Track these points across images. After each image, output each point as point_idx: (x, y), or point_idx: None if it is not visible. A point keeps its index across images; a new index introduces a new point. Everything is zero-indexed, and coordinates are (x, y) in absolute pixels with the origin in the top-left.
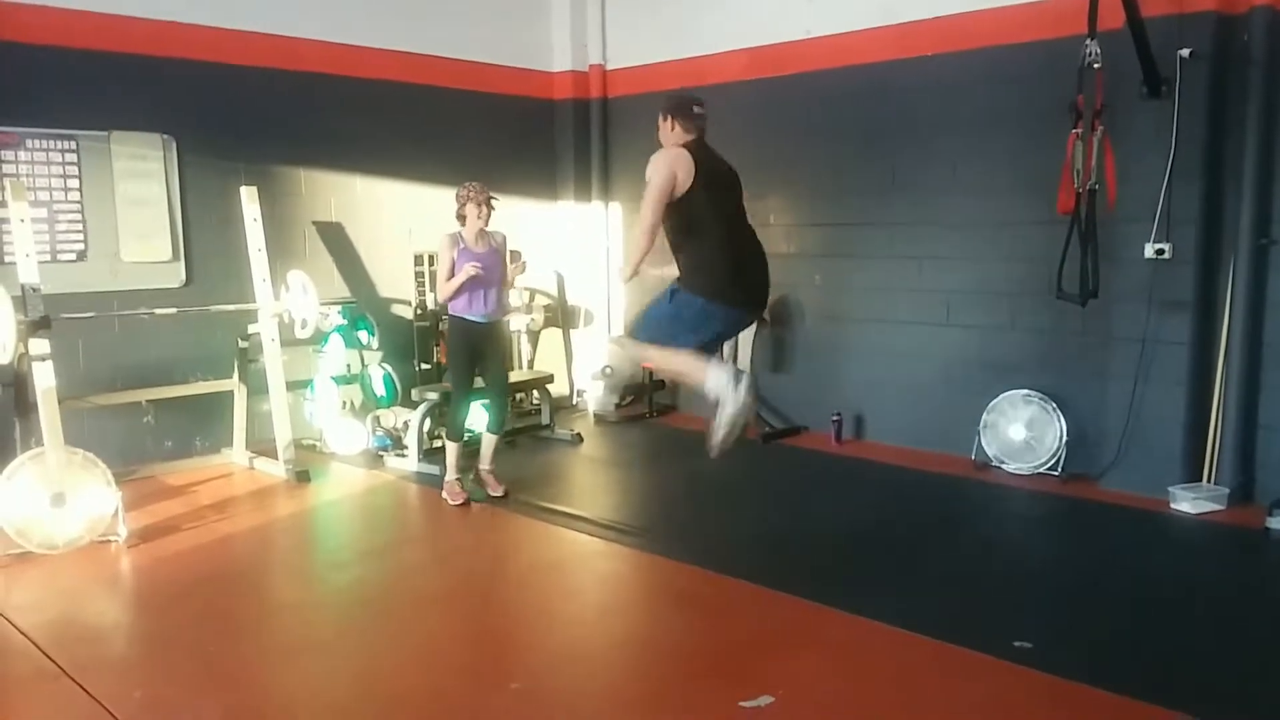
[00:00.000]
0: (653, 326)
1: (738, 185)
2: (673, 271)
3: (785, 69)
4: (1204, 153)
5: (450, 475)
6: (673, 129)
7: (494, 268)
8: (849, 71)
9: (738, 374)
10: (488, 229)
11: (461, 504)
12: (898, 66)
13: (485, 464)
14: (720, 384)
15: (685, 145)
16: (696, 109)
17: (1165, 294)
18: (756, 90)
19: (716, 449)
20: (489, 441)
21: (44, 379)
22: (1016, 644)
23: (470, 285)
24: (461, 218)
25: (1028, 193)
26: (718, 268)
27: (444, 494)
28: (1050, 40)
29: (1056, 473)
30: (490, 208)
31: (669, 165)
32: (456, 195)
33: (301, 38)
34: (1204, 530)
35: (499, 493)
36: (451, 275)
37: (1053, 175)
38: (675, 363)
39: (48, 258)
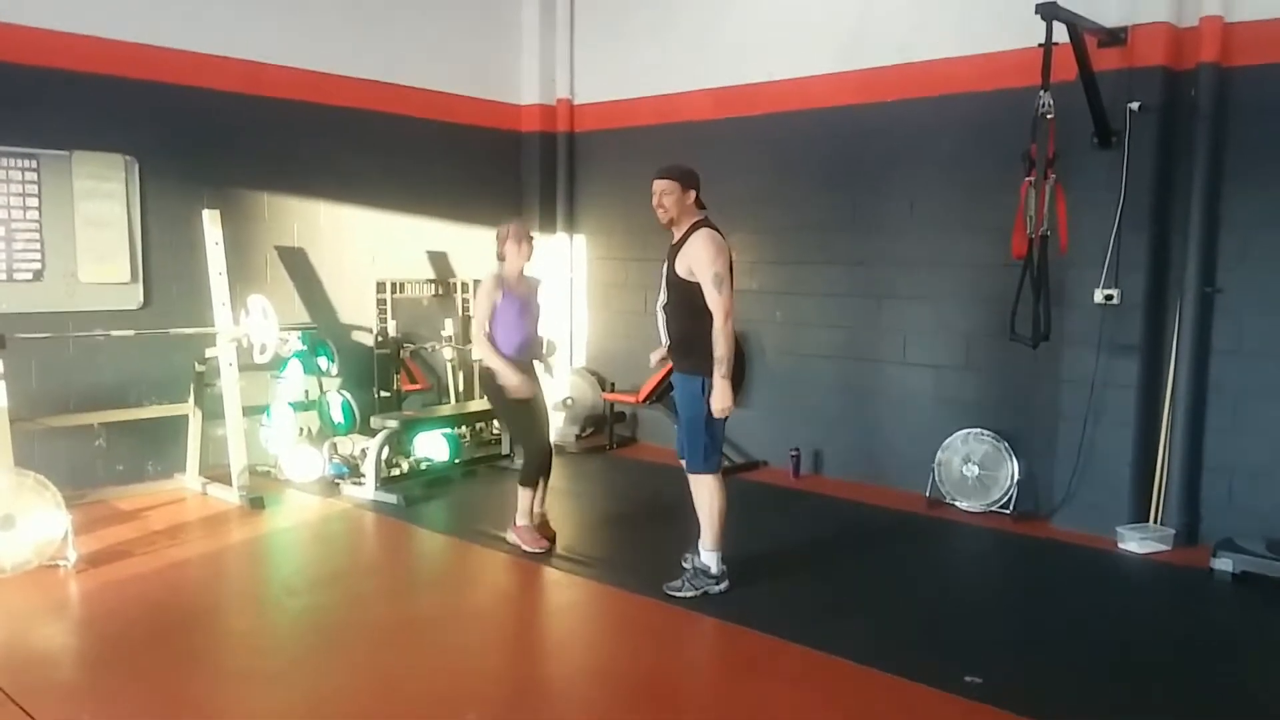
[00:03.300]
0: (699, 435)
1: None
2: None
3: (749, 109)
4: (1152, 202)
5: (524, 520)
6: (693, 200)
7: (534, 312)
8: (811, 114)
9: (722, 576)
10: (525, 273)
11: (544, 550)
12: (859, 111)
13: (540, 506)
14: (711, 570)
15: (709, 224)
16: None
17: (1114, 338)
18: (722, 129)
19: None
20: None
21: None
22: (967, 679)
23: (518, 332)
24: (502, 256)
25: (983, 236)
26: (737, 353)
27: (519, 540)
28: (1005, 90)
29: (1008, 511)
30: (531, 245)
31: (727, 254)
32: (497, 234)
33: (268, 63)
34: (1150, 570)
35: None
36: (491, 318)
37: (1007, 220)
38: (715, 528)
39: (3, 276)
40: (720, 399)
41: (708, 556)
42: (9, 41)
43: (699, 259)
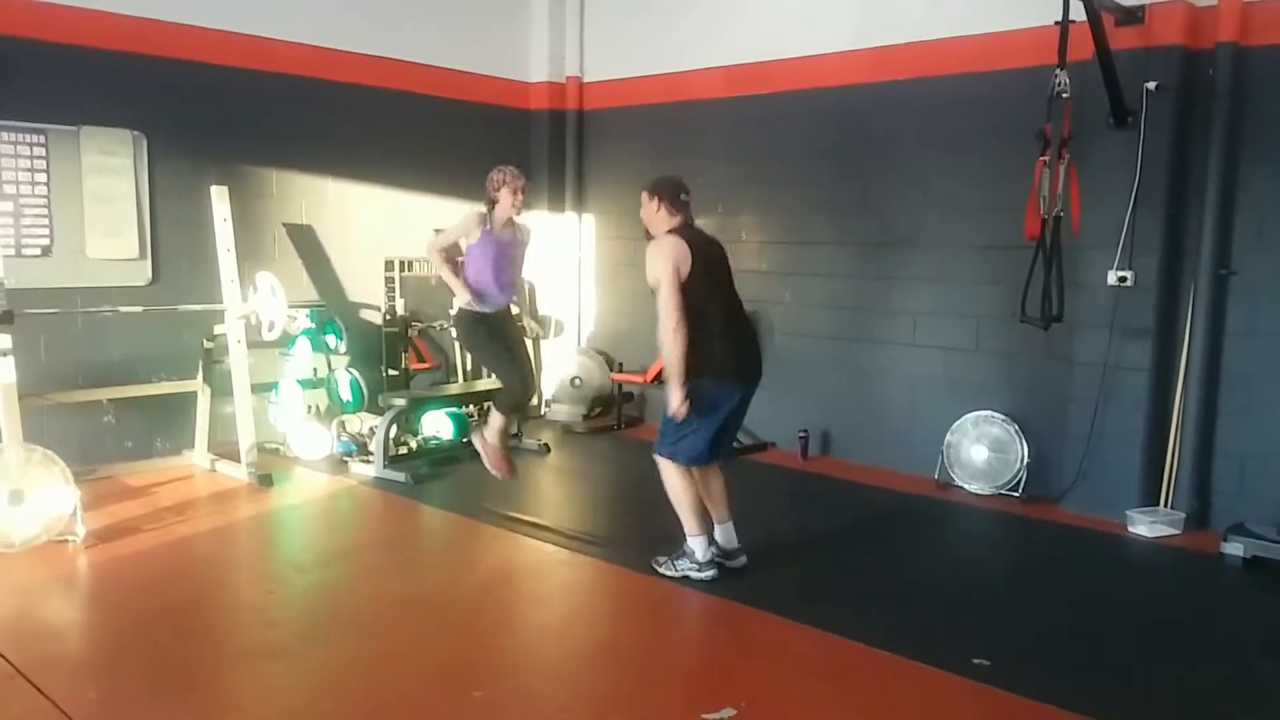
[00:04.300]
0: (667, 426)
1: (727, 261)
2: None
3: (761, 88)
4: (1167, 183)
5: (495, 439)
6: (658, 210)
7: (515, 259)
8: (823, 93)
9: (714, 563)
10: (516, 219)
11: (507, 477)
12: (872, 89)
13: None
14: (695, 555)
15: (676, 230)
16: (683, 196)
17: (1127, 320)
18: (732, 108)
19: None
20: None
21: (4, 374)
22: (975, 661)
23: (489, 273)
24: (492, 202)
25: (995, 217)
26: (723, 352)
27: (483, 453)
28: (1020, 69)
29: (1017, 494)
30: (523, 196)
31: (672, 259)
32: (490, 178)
33: (278, 39)
34: (1160, 554)
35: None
36: (456, 245)
37: (1020, 201)
38: (681, 505)
39: (12, 252)
40: (671, 403)
41: (693, 542)
42: (17, 16)
43: (647, 268)
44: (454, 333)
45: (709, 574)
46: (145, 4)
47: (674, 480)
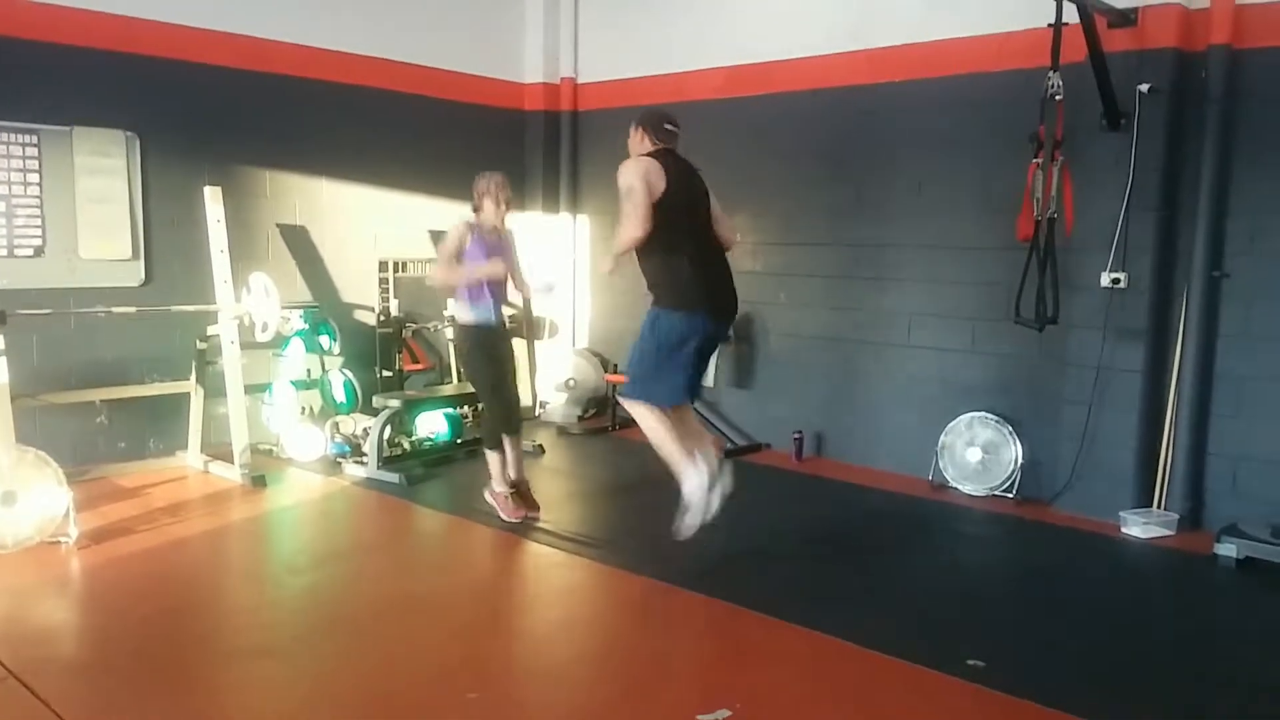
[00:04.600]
0: (638, 366)
1: (706, 195)
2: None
3: (755, 89)
4: (1160, 185)
5: (500, 487)
6: (642, 140)
7: (507, 263)
8: (818, 94)
9: (714, 480)
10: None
11: (521, 520)
12: (866, 91)
13: (516, 473)
14: (694, 491)
15: (654, 154)
16: (668, 126)
17: (1120, 322)
18: (726, 109)
19: (682, 534)
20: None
21: None
22: (970, 662)
23: (481, 284)
24: (478, 209)
25: (989, 218)
26: (691, 280)
27: (495, 505)
28: (1014, 71)
29: (1011, 495)
30: (509, 205)
31: (642, 171)
32: (475, 185)
33: (271, 39)
34: (1153, 555)
35: (536, 513)
36: (458, 260)
37: (1014, 202)
38: (665, 447)
39: (4, 252)
40: (604, 263)
41: (686, 480)
42: (9, 15)
43: (619, 179)
44: (453, 347)
45: (715, 484)
46: (138, 4)
47: (650, 422)
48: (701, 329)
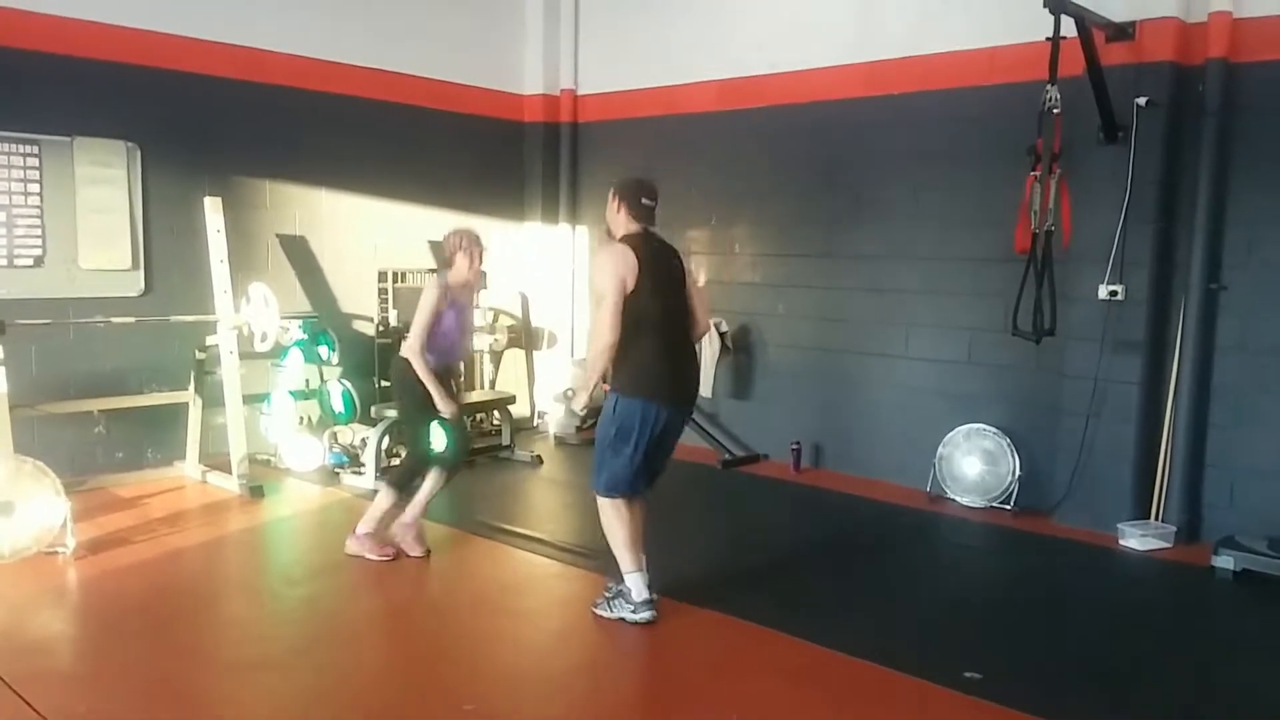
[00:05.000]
0: (600, 452)
1: (681, 277)
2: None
3: (754, 101)
4: (1158, 198)
5: (368, 527)
6: (618, 212)
7: (468, 323)
8: (815, 107)
9: (650, 602)
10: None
11: (391, 559)
12: (864, 104)
13: (417, 511)
14: (639, 596)
15: (629, 239)
16: (645, 200)
17: (1118, 334)
18: (726, 121)
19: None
20: (437, 481)
21: None
22: (967, 675)
23: (453, 336)
24: (449, 264)
25: (987, 231)
26: (655, 371)
27: (360, 549)
28: (1012, 84)
29: (1009, 507)
30: (482, 259)
31: (618, 273)
32: (446, 240)
33: (272, 50)
34: (1151, 567)
35: (419, 552)
36: (434, 324)
37: (1011, 215)
38: (622, 548)
39: (4, 262)
40: (578, 399)
41: (629, 580)
42: (12, 26)
43: (593, 276)
44: (391, 384)
45: (646, 615)
46: (140, 15)
47: (611, 519)
48: (656, 417)
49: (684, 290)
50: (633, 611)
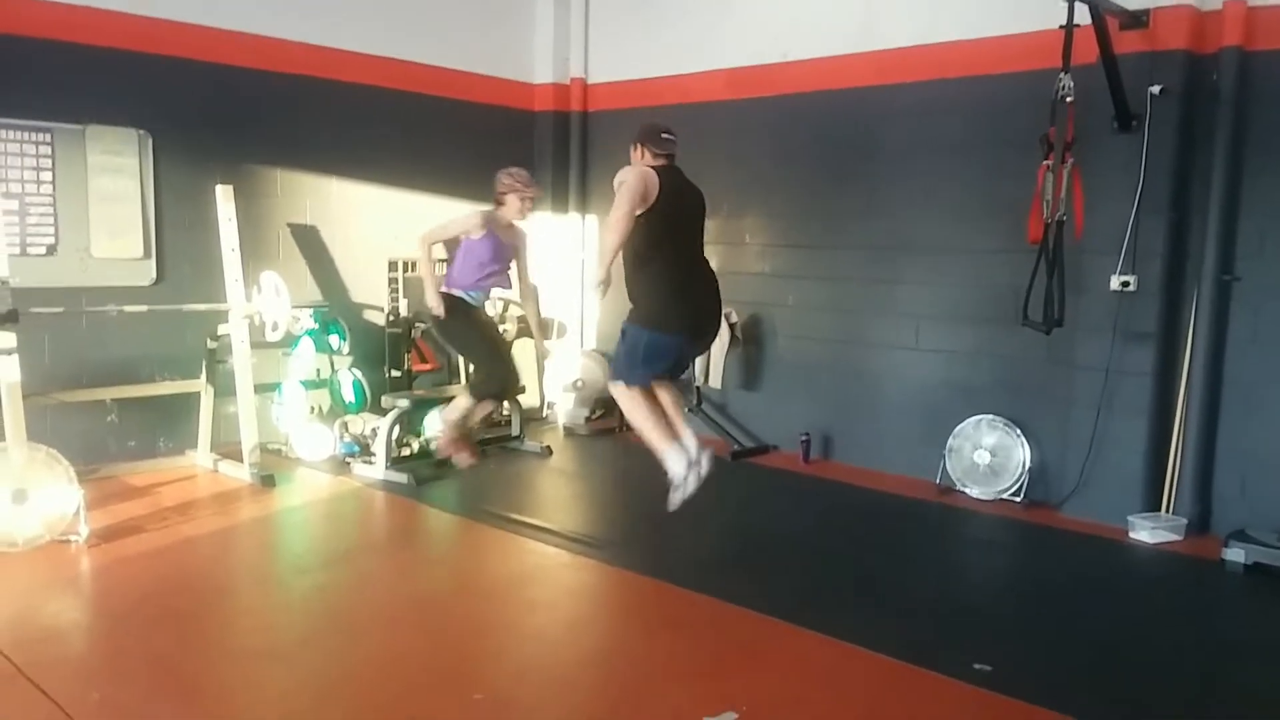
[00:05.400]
0: (617, 362)
1: (701, 213)
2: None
3: (764, 90)
4: (1171, 188)
5: (453, 430)
6: (642, 156)
7: (511, 260)
8: (826, 96)
9: (696, 459)
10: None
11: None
12: (874, 93)
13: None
14: (678, 471)
15: (654, 168)
16: (665, 135)
17: (1130, 325)
18: (736, 110)
19: (675, 506)
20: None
21: (9, 374)
22: (976, 666)
23: (477, 270)
24: (500, 202)
25: (998, 221)
26: (663, 298)
27: (450, 451)
28: (1024, 72)
29: (1019, 499)
30: (532, 204)
31: (636, 186)
32: (499, 179)
33: (284, 39)
34: (1161, 560)
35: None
36: (457, 241)
37: (1023, 204)
38: (647, 432)
39: (17, 251)
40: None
41: (665, 461)
42: (23, 14)
43: (615, 182)
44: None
45: (692, 487)
46: (152, 3)
47: (624, 403)
48: (677, 349)
49: (702, 225)
50: (680, 491)
